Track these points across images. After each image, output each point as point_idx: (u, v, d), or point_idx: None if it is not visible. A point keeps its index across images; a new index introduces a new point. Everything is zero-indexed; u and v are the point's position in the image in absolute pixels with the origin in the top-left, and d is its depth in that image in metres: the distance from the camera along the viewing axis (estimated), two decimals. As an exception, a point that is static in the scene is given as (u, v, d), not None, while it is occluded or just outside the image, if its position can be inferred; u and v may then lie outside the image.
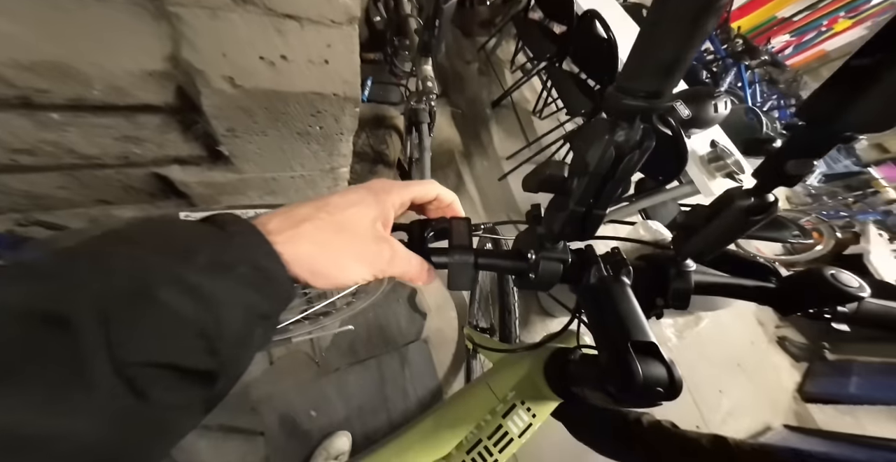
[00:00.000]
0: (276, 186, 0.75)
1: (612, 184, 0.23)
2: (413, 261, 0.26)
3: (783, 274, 0.39)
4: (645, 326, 0.26)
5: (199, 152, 0.59)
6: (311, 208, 0.23)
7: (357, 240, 0.23)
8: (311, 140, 0.67)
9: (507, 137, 2.01)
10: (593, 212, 0.25)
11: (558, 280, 0.30)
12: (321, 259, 0.22)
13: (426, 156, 1.03)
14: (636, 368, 0.22)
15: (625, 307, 0.27)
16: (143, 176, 0.59)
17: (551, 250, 0.29)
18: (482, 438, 0.39)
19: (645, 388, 0.22)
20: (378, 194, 0.25)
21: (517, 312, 0.90)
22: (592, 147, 0.22)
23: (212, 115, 0.52)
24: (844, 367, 2.18)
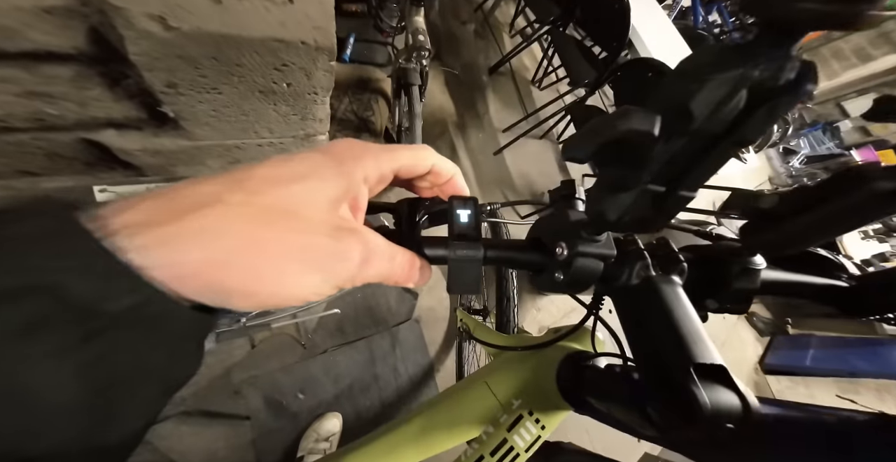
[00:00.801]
0: (241, 155, 0.65)
1: (724, 149, 0.15)
2: (398, 258, 0.18)
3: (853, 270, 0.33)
4: (709, 343, 0.20)
5: (138, 113, 0.48)
6: (217, 185, 0.14)
7: (303, 235, 0.15)
8: (279, 100, 0.56)
9: (504, 108, 1.88)
10: (677, 193, 0.17)
11: (594, 282, 0.23)
12: (234, 270, 0.13)
13: (417, 123, 0.93)
14: (703, 400, 0.18)
15: (681, 317, 0.21)
16: (69, 142, 0.48)
17: (590, 243, 0.21)
18: (484, 455, 0.34)
19: (711, 424, 0.18)
20: (342, 162, 0.17)
21: (516, 300, 0.84)
22: (706, 87, 0.13)
23: (143, 66, 0.41)
24: (803, 341, 2.34)
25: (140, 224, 0.12)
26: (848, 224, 0.20)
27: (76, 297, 0.11)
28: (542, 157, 1.92)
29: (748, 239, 0.24)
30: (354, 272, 0.16)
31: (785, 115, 2.24)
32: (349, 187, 0.17)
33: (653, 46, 1.51)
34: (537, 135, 1.88)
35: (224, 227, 0.13)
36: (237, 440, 0.90)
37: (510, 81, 2.01)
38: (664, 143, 0.15)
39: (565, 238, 0.22)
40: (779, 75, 0.13)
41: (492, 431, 0.35)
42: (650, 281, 0.23)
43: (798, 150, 3.93)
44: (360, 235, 0.16)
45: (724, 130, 0.15)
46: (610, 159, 0.18)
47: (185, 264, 0.13)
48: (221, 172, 0.15)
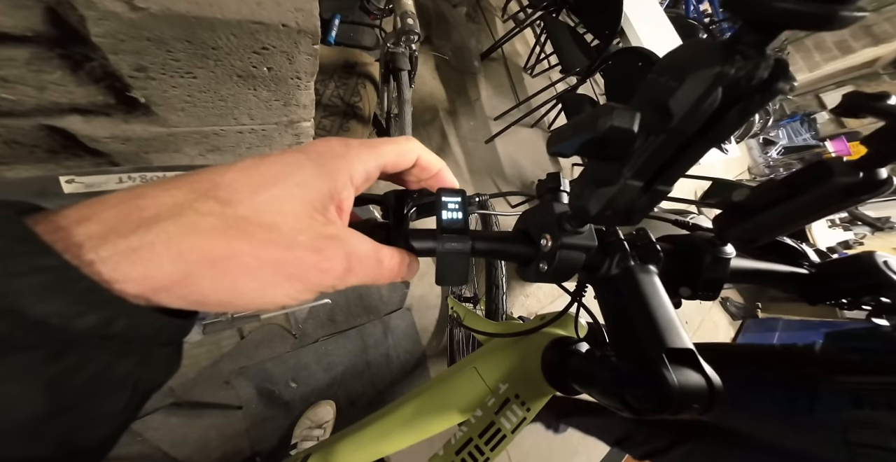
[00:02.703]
0: (220, 142, 0.62)
1: (700, 146, 0.16)
2: (386, 262, 0.18)
3: (814, 258, 0.35)
4: (680, 329, 0.22)
5: (105, 99, 0.45)
6: (186, 192, 0.13)
7: (280, 248, 0.14)
8: (259, 85, 0.54)
9: (496, 95, 1.85)
10: (655, 187, 0.18)
11: (577, 272, 0.24)
12: (207, 283, 0.13)
13: (406, 110, 0.90)
14: (673, 383, 0.19)
15: (656, 305, 0.23)
16: (29, 128, 0.45)
17: (573, 235, 0.22)
18: (472, 437, 0.35)
19: (679, 406, 0.19)
20: (324, 163, 0.16)
21: (505, 287, 0.85)
22: (686, 83, 0.14)
23: (108, 48, 0.38)
24: (770, 324, 2.49)
25: (106, 234, 0.11)
26: (813, 216, 0.21)
27: (38, 318, 0.10)
28: (534, 146, 1.91)
29: (720, 230, 0.25)
30: (336, 282, 0.16)
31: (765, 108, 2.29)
32: (333, 189, 0.16)
33: (644, 35, 1.50)
34: (529, 123, 1.86)
35: (195, 240, 0.12)
36: (230, 429, 0.90)
37: (502, 67, 1.97)
38: (643, 140, 0.16)
39: (550, 230, 0.23)
40: (753, 74, 0.13)
41: (480, 415, 0.36)
42: (629, 271, 0.24)
43: (777, 141, 4.02)
44: (344, 243, 0.15)
45: (699, 128, 0.15)
46: (592, 155, 0.18)
47: (155, 278, 0.12)
48: (191, 175, 0.14)
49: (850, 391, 0.32)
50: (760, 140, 4.08)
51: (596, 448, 1.48)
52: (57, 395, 0.11)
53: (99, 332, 0.11)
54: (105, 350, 0.11)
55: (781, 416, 0.38)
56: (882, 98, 0.18)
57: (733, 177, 3.45)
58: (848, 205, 0.20)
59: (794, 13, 0.11)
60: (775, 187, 0.21)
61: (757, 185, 0.22)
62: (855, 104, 0.19)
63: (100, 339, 0.11)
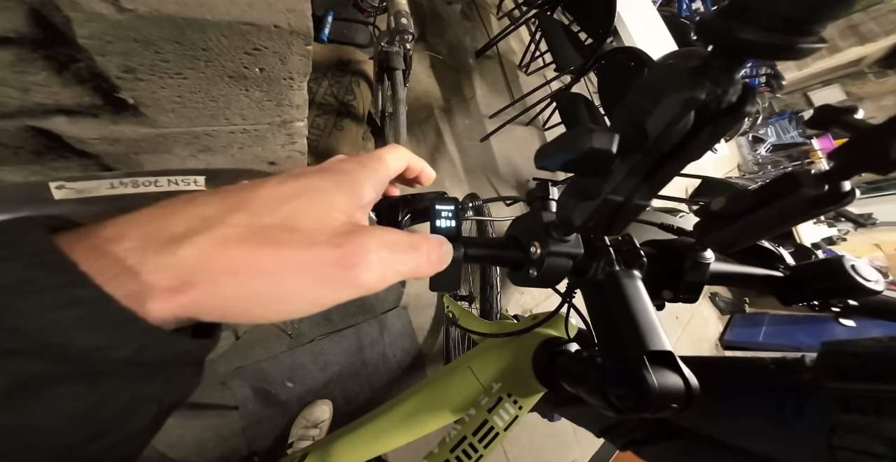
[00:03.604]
0: (212, 143, 0.61)
1: (675, 164, 0.17)
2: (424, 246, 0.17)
3: (789, 260, 0.36)
4: (661, 332, 0.23)
5: (92, 100, 0.44)
6: (218, 206, 0.14)
7: (297, 245, 0.14)
8: (251, 86, 0.53)
9: (491, 93, 1.84)
10: (633, 202, 0.19)
11: (564, 278, 0.25)
12: (230, 291, 0.13)
13: (401, 109, 0.89)
14: (652, 384, 0.20)
15: (638, 309, 0.24)
16: (13, 130, 0.44)
17: (560, 243, 0.23)
18: (466, 435, 0.36)
19: (658, 405, 0.20)
20: (343, 177, 0.17)
21: (499, 287, 0.85)
22: (660, 106, 0.14)
23: (94, 50, 0.37)
24: (757, 319, 2.54)
25: (140, 251, 0.12)
26: (783, 224, 0.22)
27: (78, 353, 0.10)
28: (528, 144, 1.91)
29: (699, 236, 0.27)
30: (369, 279, 0.14)
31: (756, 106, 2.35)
32: (354, 198, 0.16)
33: (637, 34, 1.50)
34: (524, 121, 1.86)
35: (223, 251, 0.13)
36: (227, 430, 0.90)
37: (497, 65, 1.96)
38: (622, 158, 0.17)
39: (538, 238, 0.24)
40: (723, 98, 0.14)
41: (473, 413, 0.37)
42: (613, 275, 0.25)
43: (766, 139, 4.08)
44: (365, 236, 0.15)
45: (673, 147, 0.16)
46: (575, 171, 0.19)
47: (185, 293, 0.12)
48: (222, 192, 0.15)
49: (839, 397, 0.33)
50: (749, 138, 4.14)
51: (589, 444, 1.51)
52: (91, 423, 0.11)
53: (133, 361, 0.11)
54: (137, 377, 0.11)
55: (768, 419, 0.39)
56: (849, 112, 0.19)
57: (723, 174, 3.49)
58: (814, 215, 0.21)
59: (755, 44, 0.12)
60: (748, 197, 0.22)
61: (732, 196, 0.23)
62: (824, 117, 0.20)
63: (133, 366, 0.11)
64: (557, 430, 1.43)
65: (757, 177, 3.30)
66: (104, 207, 0.33)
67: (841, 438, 0.31)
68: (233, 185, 0.15)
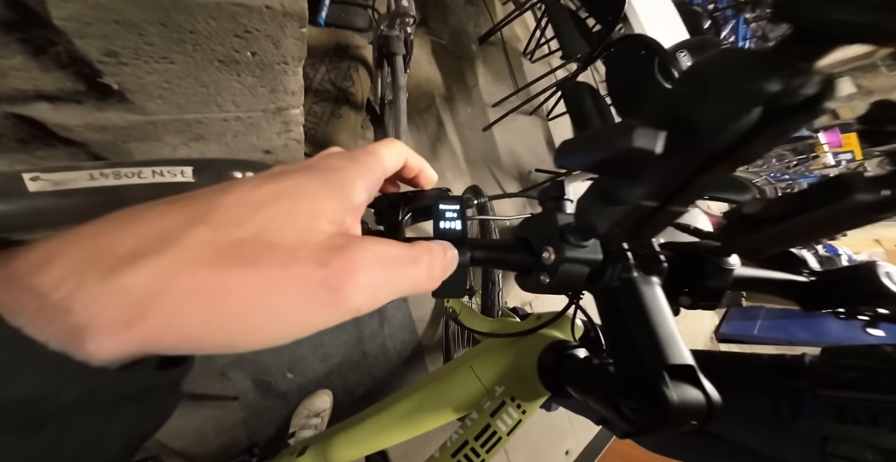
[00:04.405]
0: (204, 131, 0.59)
1: (725, 165, 0.14)
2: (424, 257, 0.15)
3: (813, 265, 0.34)
4: (681, 344, 0.21)
5: (74, 85, 0.42)
6: (175, 216, 0.12)
7: (274, 265, 0.12)
8: (243, 71, 0.50)
9: (495, 81, 1.79)
10: (669, 209, 0.16)
11: (579, 286, 0.24)
12: (196, 324, 0.11)
13: (401, 96, 0.86)
14: (672, 400, 0.19)
15: (657, 319, 0.22)
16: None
17: (576, 249, 0.22)
18: (468, 440, 0.36)
19: (677, 421, 0.19)
20: (333, 175, 0.15)
21: (501, 284, 0.84)
22: (718, 100, 0.12)
23: (72, 32, 0.35)
24: (753, 312, 2.54)
25: (75, 279, 0.10)
26: (825, 231, 0.20)
27: (8, 401, 0.09)
28: (532, 135, 1.87)
29: (726, 240, 0.25)
30: (359, 301, 0.13)
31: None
32: (345, 200, 0.14)
33: (647, 22, 1.45)
34: (527, 110, 1.82)
35: (181, 278, 0.11)
36: (228, 421, 0.91)
37: (501, 52, 1.90)
38: (662, 158, 0.14)
39: (552, 242, 0.22)
40: (799, 91, 0.12)
41: (476, 417, 0.37)
42: (630, 282, 0.24)
43: None
44: (355, 251, 0.13)
45: (727, 147, 0.13)
46: (604, 172, 0.17)
47: (137, 328, 0.10)
48: (186, 197, 0.13)
49: (835, 406, 0.33)
50: None
51: (584, 432, 1.53)
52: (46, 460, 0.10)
53: (82, 403, 0.10)
54: (94, 416, 0.10)
55: (762, 420, 0.39)
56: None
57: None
58: (864, 223, 0.19)
59: (854, 25, 0.10)
60: (788, 201, 0.20)
61: (771, 199, 0.21)
62: (882, 114, 0.17)
63: (83, 409, 0.10)
64: (553, 419, 1.45)
65: (761, 171, 3.25)
66: (84, 201, 0.31)
67: (834, 447, 0.31)
68: (206, 189, 0.13)
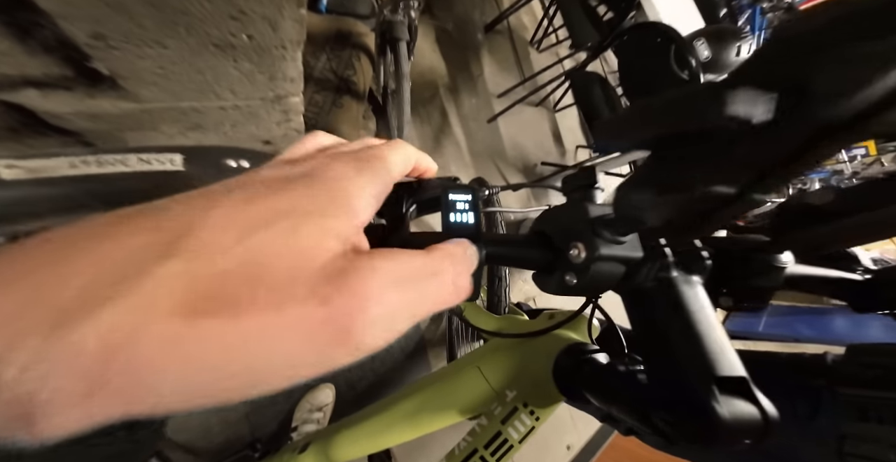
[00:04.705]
0: (201, 120, 0.57)
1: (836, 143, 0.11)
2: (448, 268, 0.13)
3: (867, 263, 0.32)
4: (732, 354, 0.19)
5: (61, 71, 0.40)
6: (144, 238, 0.09)
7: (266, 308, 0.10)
8: (240, 56, 0.48)
9: (500, 71, 1.75)
10: (750, 196, 0.13)
11: (611, 288, 0.21)
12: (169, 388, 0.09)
13: (405, 85, 0.84)
14: (723, 417, 0.17)
15: (703, 326, 0.20)
16: (-20, 102, 0.40)
17: (611, 245, 0.18)
18: (478, 448, 0.34)
19: (730, 440, 0.17)
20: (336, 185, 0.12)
21: (508, 279, 0.82)
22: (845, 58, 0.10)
23: (56, 13, 0.33)
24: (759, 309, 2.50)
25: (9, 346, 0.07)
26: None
27: None
28: (538, 126, 1.84)
29: (780, 234, 0.22)
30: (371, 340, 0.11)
31: None
32: (351, 216, 0.12)
33: (663, 9, 1.40)
34: (534, 102, 1.78)
35: (155, 332, 0.08)
36: (231, 415, 0.91)
37: (507, 41, 1.85)
38: (757, 132, 0.11)
39: (582, 237, 0.19)
40: None
41: (485, 424, 0.35)
42: (669, 282, 0.21)
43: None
44: (363, 277, 0.11)
45: (849, 119, 0.10)
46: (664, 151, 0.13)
47: (98, 406, 0.08)
48: (160, 210, 0.10)
49: (856, 404, 0.31)
50: None
51: (585, 427, 1.53)
52: None
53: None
54: None
55: None
56: None
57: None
58: None
59: None
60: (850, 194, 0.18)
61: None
62: None
63: None
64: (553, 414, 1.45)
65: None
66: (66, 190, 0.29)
67: (854, 446, 0.30)
68: (188, 197, 0.11)
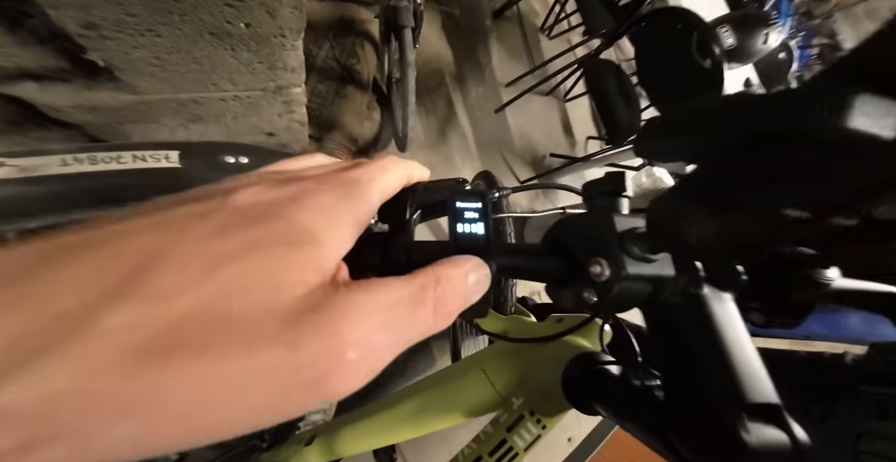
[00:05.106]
0: (201, 111, 0.56)
1: None
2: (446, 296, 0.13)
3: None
4: (765, 378, 0.18)
5: (57, 62, 0.39)
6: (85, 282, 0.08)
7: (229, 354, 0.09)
8: (237, 44, 0.47)
9: (509, 58, 1.70)
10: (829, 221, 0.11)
11: (634, 307, 0.19)
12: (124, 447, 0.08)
13: (410, 74, 0.82)
14: (751, 445, 0.16)
15: (733, 346, 0.18)
16: (-22, 95, 0.40)
17: (640, 263, 0.17)
18: (482, 455, 0.34)
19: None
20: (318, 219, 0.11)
21: (514, 279, 0.80)
22: None
23: (46, 2, 0.32)
24: None
25: None
26: None
27: None
28: (547, 117, 1.79)
29: (829, 248, 0.20)
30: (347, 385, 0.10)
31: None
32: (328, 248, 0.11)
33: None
34: (544, 91, 1.73)
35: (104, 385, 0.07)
36: None
37: (517, 28, 1.80)
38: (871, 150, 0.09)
39: (606, 253, 0.17)
40: None
41: (491, 431, 0.35)
42: (698, 300, 0.19)
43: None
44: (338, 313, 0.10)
45: None
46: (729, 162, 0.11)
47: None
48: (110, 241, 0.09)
49: (877, 402, 0.30)
50: None
51: (587, 419, 1.53)
52: None
53: None
54: None
55: None
56: None
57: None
58: None
59: None
60: None
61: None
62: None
63: None
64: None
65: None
66: (59, 189, 0.29)
67: (869, 444, 0.29)
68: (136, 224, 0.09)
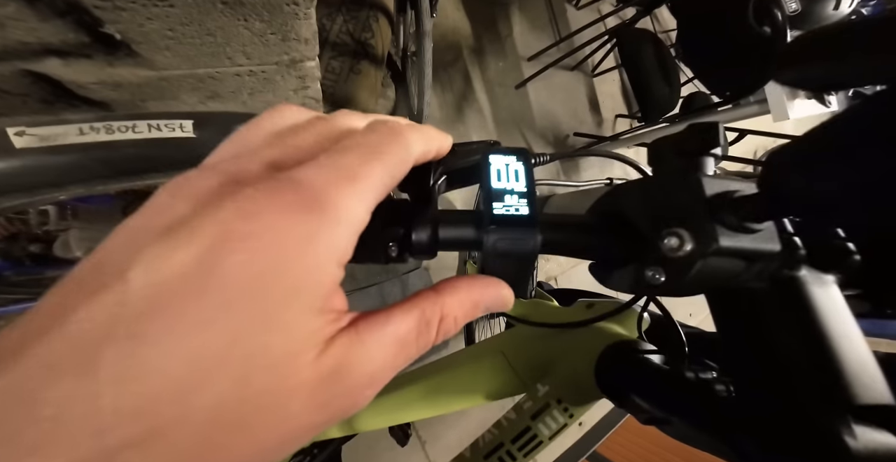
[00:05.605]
0: (218, 87, 0.57)
1: None
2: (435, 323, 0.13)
3: None
4: (877, 374, 0.15)
5: (77, 37, 0.40)
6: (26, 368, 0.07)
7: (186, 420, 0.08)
8: (249, 14, 0.46)
9: (531, 30, 1.61)
10: None
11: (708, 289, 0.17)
12: None
13: (427, 46, 0.79)
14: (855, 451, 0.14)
15: (840, 340, 0.15)
16: (10, 75, 0.41)
17: (739, 234, 0.14)
18: (504, 442, 0.33)
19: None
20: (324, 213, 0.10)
21: (536, 263, 0.78)
22: None
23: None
24: None
25: None
26: None
27: None
28: (572, 93, 1.70)
29: None
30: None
31: None
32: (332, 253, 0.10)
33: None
34: (569, 65, 1.64)
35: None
36: None
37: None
38: None
39: (688, 222, 0.14)
40: None
41: (514, 418, 0.33)
42: (797, 283, 0.16)
43: (867, 93, 3.38)
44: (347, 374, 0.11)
45: None
46: None
47: None
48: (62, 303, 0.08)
49: None
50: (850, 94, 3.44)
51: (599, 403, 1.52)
52: None
53: None
54: None
55: None
56: None
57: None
58: None
59: None
60: None
61: None
62: None
63: None
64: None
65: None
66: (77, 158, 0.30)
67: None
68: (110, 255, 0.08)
